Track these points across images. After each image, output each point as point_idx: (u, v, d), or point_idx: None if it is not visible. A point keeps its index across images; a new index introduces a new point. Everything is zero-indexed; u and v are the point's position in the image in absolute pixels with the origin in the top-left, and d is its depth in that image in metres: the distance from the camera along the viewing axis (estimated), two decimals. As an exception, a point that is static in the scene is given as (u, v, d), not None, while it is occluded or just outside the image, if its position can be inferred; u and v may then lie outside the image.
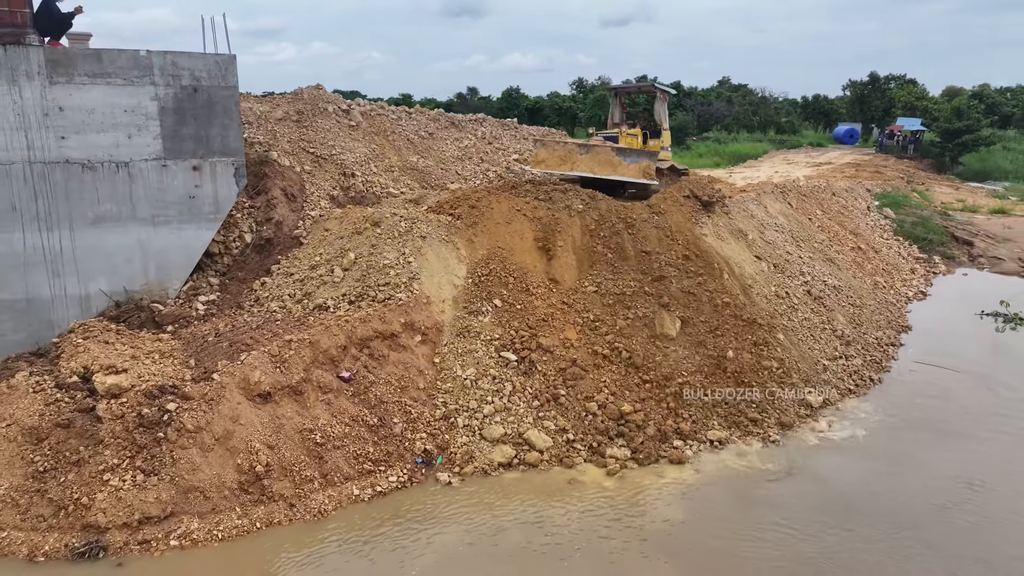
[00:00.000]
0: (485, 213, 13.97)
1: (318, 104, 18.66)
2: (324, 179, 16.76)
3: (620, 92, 20.21)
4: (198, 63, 12.84)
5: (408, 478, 10.03)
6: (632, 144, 18.10)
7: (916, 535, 9.02)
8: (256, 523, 8.95)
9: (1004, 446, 11.39)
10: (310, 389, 10.39)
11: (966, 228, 26.95)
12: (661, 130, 19.09)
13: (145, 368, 10.46)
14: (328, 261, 13.23)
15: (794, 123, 64.63)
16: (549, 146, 17.23)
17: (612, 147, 16.73)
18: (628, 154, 16.44)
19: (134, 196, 12.71)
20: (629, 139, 18.38)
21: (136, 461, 8.92)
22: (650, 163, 16.27)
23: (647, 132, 18.94)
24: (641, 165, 16.20)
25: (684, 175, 18.46)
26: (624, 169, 16.18)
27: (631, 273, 13.36)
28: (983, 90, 65.64)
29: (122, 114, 12.35)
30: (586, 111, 62.49)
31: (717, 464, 10.71)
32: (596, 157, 16.21)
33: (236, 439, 9.41)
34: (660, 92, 19.13)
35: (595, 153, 16.32)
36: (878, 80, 61.61)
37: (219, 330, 11.98)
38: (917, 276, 21.24)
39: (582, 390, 11.55)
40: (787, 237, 17.79)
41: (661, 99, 19.08)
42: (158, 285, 13.21)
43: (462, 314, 12.40)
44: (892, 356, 15.17)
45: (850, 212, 23.90)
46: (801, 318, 14.46)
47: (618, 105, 19.85)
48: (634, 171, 16.21)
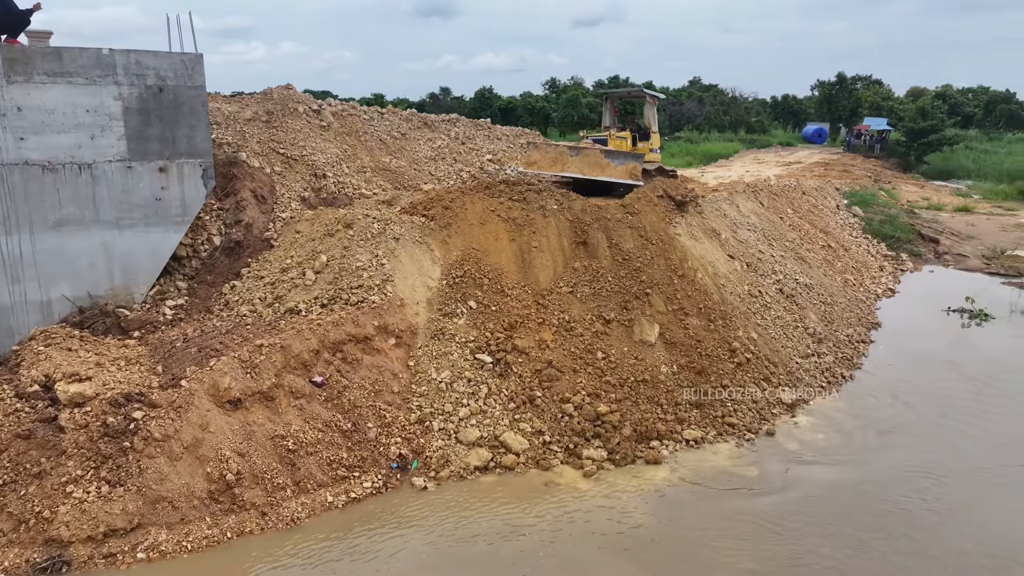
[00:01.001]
0: (459, 214, 13.86)
1: (288, 104, 18.38)
2: (295, 180, 16.51)
3: (611, 96, 20.98)
4: (163, 62, 12.53)
5: (383, 484, 9.89)
6: (621, 147, 18.87)
7: (887, 534, 9.11)
8: (227, 533, 8.74)
9: (969, 439, 11.59)
10: (282, 395, 10.19)
11: (932, 226, 27.49)
12: (650, 133, 19.84)
13: (110, 375, 10.17)
14: (300, 264, 13.02)
15: (764, 123, 65.56)
16: (541, 148, 17.96)
17: (601, 149, 17.36)
18: (616, 156, 17.09)
19: (98, 198, 12.36)
20: (618, 142, 19.20)
21: (101, 472, 8.66)
22: (637, 165, 16.82)
23: (636, 135, 19.63)
24: (628, 167, 16.86)
25: (672, 177, 18.93)
26: (612, 171, 16.77)
27: (606, 273, 13.35)
28: (946, 90, 67.17)
29: (84, 114, 12.00)
30: (559, 111, 62.65)
31: (693, 464, 10.73)
32: (586, 159, 16.77)
33: (205, 447, 9.18)
34: (649, 97, 20.09)
35: (585, 155, 16.91)
36: (845, 80, 62.76)
37: (187, 335, 11.71)
38: (886, 273, 21.58)
39: (558, 391, 11.50)
40: (759, 236, 17.95)
41: (650, 103, 19.98)
42: (124, 290, 12.88)
43: (436, 316, 12.27)
44: (863, 353, 15.38)
45: (820, 211, 24.21)
46: (774, 316, 14.59)
47: (610, 109, 20.64)
48: (621, 172, 16.76)
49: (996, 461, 10.87)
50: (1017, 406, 12.77)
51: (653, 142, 19.86)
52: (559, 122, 62.49)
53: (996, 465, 10.77)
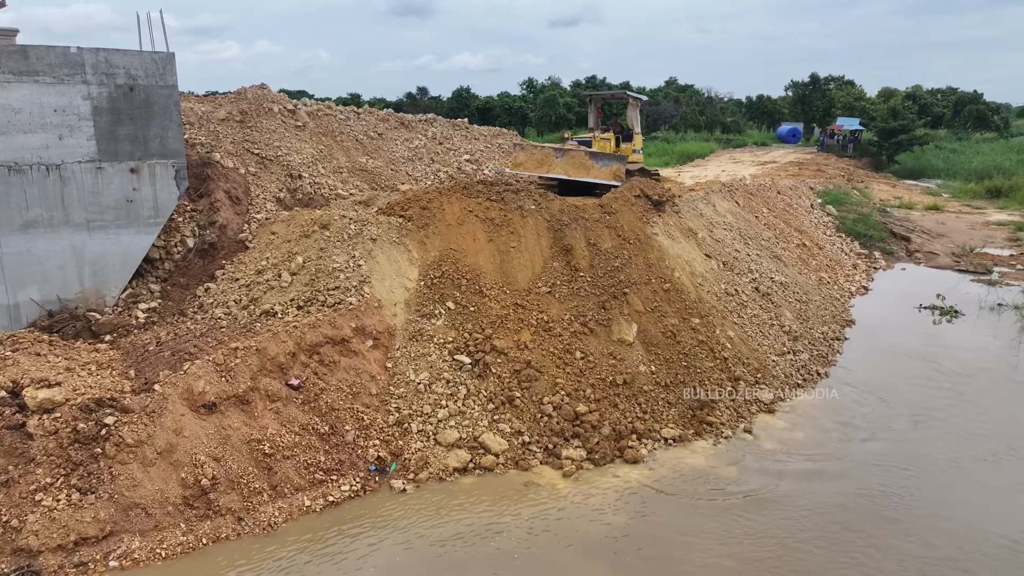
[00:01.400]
0: (437, 214, 13.79)
1: (263, 104, 18.17)
2: (270, 181, 16.32)
3: (595, 99, 21.29)
4: (134, 61, 12.32)
5: (361, 486, 9.80)
6: (605, 148, 19.15)
7: (863, 533, 9.23)
8: (202, 539, 8.61)
9: (942, 436, 11.80)
10: (257, 398, 10.06)
11: (903, 224, 27.95)
12: (633, 134, 20.15)
13: (81, 380, 9.97)
14: (275, 265, 12.87)
15: (739, 123, 66.19)
16: (527, 150, 18.29)
17: (585, 151, 17.61)
18: (600, 158, 17.44)
19: (67, 200, 12.11)
20: (602, 143, 19.45)
21: (71, 479, 8.48)
22: (620, 166, 17.16)
23: (619, 136, 20.05)
24: (612, 168, 17.19)
25: (655, 177, 19.26)
26: (596, 172, 17.10)
27: (584, 273, 13.37)
28: (916, 91, 68.31)
29: (52, 114, 11.75)
30: (537, 111, 62.70)
31: (671, 463, 10.78)
32: (571, 160, 17.14)
33: (180, 452, 9.03)
34: (632, 99, 20.22)
35: (570, 157, 17.26)
36: (818, 81, 63.61)
37: (161, 339, 11.52)
38: (859, 272, 21.89)
39: (537, 392, 11.49)
40: (735, 235, 18.10)
41: (633, 105, 20.13)
42: (95, 293, 12.64)
43: (414, 317, 12.20)
44: (838, 350, 15.57)
45: (794, 210, 24.50)
46: (750, 315, 14.72)
47: (594, 111, 20.99)
48: (605, 174, 17.13)
49: (968, 454, 11.07)
50: (989, 401, 13.01)
51: (636, 143, 20.22)
52: (537, 122, 62.56)
53: (968, 460, 10.96)
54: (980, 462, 10.92)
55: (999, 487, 10.24)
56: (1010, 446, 11.36)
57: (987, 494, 10.08)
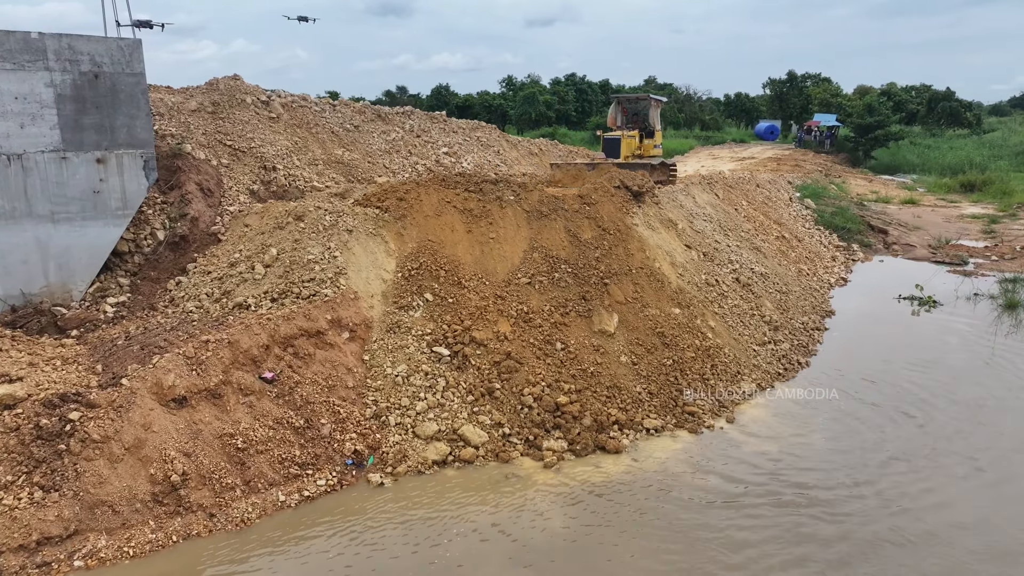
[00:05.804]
0: (414, 205, 13.56)
1: (235, 95, 17.80)
2: (243, 173, 15.98)
3: (621, 100, 24.83)
4: (99, 47, 11.95)
5: (338, 481, 9.56)
6: (631, 144, 22.56)
7: (843, 520, 9.17)
8: (172, 536, 8.33)
9: (923, 426, 11.81)
10: (230, 392, 9.77)
11: (881, 217, 28.17)
12: (654, 131, 23.44)
13: (45, 376, 9.63)
14: (248, 258, 12.57)
15: (718, 120, 66.51)
16: (563, 168, 20.06)
17: (614, 163, 20.34)
18: (626, 168, 19.28)
19: (29, 191, 11.72)
20: (628, 140, 22.56)
21: (34, 477, 8.16)
22: (645, 173, 17.98)
23: (643, 133, 23.21)
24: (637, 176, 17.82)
25: (672, 169, 21.76)
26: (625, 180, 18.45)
27: (564, 263, 13.22)
28: (891, 88, 69.06)
29: (12, 101, 11.36)
30: (516, 108, 62.46)
31: (652, 453, 10.65)
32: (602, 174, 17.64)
33: (148, 448, 8.73)
34: (654, 101, 23.69)
35: (600, 170, 18.19)
36: (796, 78, 64.02)
37: (130, 333, 11.19)
38: (838, 263, 21.99)
39: (517, 383, 11.31)
40: (715, 227, 18.07)
41: (655, 106, 23.50)
42: (60, 287, 12.25)
43: (392, 309, 11.97)
44: (818, 340, 15.57)
45: (774, 203, 24.56)
46: (731, 305, 14.66)
47: (620, 111, 24.27)
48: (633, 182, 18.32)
49: (949, 447, 11.05)
50: (966, 387, 13.05)
51: (656, 139, 23.68)
52: (516, 120, 62.32)
53: (947, 451, 10.95)
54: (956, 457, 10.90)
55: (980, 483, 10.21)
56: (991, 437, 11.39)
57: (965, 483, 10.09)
